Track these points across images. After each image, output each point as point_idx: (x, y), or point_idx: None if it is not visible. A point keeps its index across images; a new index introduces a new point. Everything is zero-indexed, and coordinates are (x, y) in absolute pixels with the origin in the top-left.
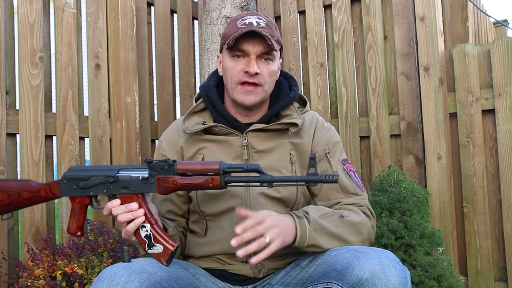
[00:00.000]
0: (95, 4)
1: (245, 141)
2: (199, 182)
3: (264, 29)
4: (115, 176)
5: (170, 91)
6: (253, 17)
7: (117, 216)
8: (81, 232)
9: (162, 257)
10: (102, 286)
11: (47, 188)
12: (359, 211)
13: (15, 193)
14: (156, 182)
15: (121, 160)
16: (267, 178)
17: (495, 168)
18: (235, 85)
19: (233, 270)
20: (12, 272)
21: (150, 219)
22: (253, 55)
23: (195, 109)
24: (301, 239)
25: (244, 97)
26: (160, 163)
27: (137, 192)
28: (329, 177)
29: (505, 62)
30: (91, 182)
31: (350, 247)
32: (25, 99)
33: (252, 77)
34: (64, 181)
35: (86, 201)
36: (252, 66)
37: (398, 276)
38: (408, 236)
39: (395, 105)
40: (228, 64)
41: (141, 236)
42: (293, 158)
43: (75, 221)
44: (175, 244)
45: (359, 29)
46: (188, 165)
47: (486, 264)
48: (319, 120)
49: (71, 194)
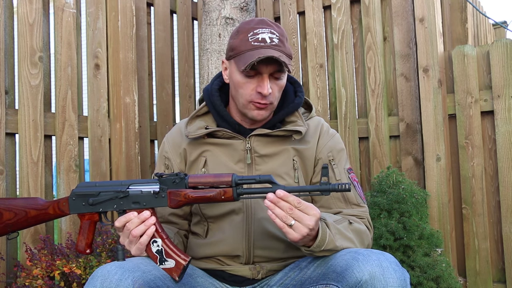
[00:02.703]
0: (95, 4)
1: (248, 145)
2: (212, 195)
3: (278, 46)
4: (125, 191)
5: (169, 91)
6: (265, 31)
7: (132, 231)
8: (90, 249)
9: (175, 272)
10: (95, 284)
11: (55, 205)
12: (361, 223)
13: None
14: (168, 196)
15: (120, 160)
16: (279, 188)
17: (494, 170)
18: (246, 102)
19: (232, 271)
20: (10, 272)
21: (161, 233)
22: (265, 74)
23: (198, 113)
24: (320, 243)
25: (255, 113)
26: (171, 177)
27: (148, 207)
28: (341, 186)
29: (504, 63)
30: (100, 198)
31: (349, 249)
32: (24, 99)
33: (264, 98)
34: (73, 198)
35: (96, 217)
36: (265, 87)
37: (397, 279)
38: (406, 237)
39: (394, 106)
40: (238, 79)
41: (152, 251)
42: (296, 164)
43: (84, 239)
44: (187, 258)
45: (359, 30)
46: (200, 178)
47: (485, 265)
48: (324, 127)
49: (80, 211)
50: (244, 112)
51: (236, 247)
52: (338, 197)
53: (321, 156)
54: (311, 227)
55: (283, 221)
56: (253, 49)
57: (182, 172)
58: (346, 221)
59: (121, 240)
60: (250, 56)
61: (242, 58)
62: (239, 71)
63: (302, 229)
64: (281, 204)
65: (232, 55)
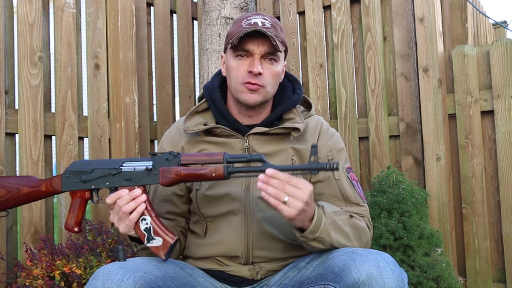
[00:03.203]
0: (95, 4)
1: (246, 144)
2: (202, 172)
3: (269, 29)
4: (118, 168)
5: (169, 91)
6: (258, 18)
7: (122, 207)
8: (79, 228)
9: (161, 250)
10: (96, 284)
11: (48, 183)
12: (362, 220)
13: (14, 188)
14: (160, 173)
15: None
16: (269, 167)
17: (494, 169)
18: (238, 85)
19: (231, 272)
20: (10, 272)
21: (151, 211)
22: (257, 55)
23: (197, 109)
24: (315, 228)
25: (247, 96)
26: (164, 155)
27: (140, 184)
28: (329, 165)
29: (504, 63)
30: (93, 175)
31: (347, 249)
32: (24, 99)
33: (255, 78)
34: (66, 175)
35: (87, 195)
36: (255, 66)
37: (395, 279)
38: (406, 237)
39: (394, 106)
40: (232, 63)
41: (140, 229)
42: (295, 164)
43: (73, 216)
44: (174, 237)
45: (359, 30)
46: (193, 157)
47: (485, 265)
48: (323, 125)
49: (72, 188)
50: (237, 97)
51: (235, 248)
52: (337, 196)
53: (320, 155)
54: (305, 200)
55: (277, 198)
56: (244, 30)
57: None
58: (347, 215)
59: (111, 218)
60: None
61: (234, 40)
62: (233, 56)
63: (296, 203)
64: (272, 182)
65: (226, 43)
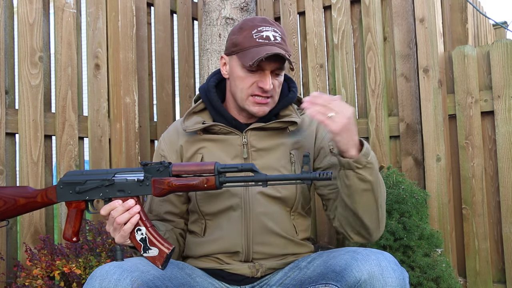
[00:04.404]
0: (95, 4)
1: (245, 140)
2: (194, 183)
3: (281, 44)
4: (111, 180)
5: (169, 91)
6: (268, 30)
7: (116, 218)
8: (76, 237)
9: (158, 261)
10: (94, 284)
11: (43, 193)
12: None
13: (11, 199)
14: (152, 184)
15: (121, 160)
16: (261, 177)
17: (494, 170)
18: (246, 96)
19: (231, 270)
20: (10, 272)
21: (146, 222)
22: (267, 71)
23: (194, 109)
24: (366, 151)
25: (255, 109)
26: (156, 166)
27: (133, 195)
28: (323, 175)
29: (504, 64)
30: (87, 186)
31: (348, 248)
32: (24, 99)
33: (265, 92)
34: (61, 186)
35: (82, 205)
36: (267, 83)
37: (396, 278)
38: (406, 237)
39: (395, 106)
40: (239, 74)
41: (136, 239)
42: (293, 157)
43: (70, 227)
44: (170, 247)
45: (359, 31)
46: (184, 167)
47: (485, 265)
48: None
49: (67, 198)
50: (243, 106)
51: (235, 244)
52: None
53: (322, 145)
54: (348, 116)
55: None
56: (259, 46)
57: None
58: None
59: (107, 228)
60: (257, 53)
61: (247, 54)
62: (242, 66)
63: (341, 118)
64: (318, 100)
65: (235, 51)
